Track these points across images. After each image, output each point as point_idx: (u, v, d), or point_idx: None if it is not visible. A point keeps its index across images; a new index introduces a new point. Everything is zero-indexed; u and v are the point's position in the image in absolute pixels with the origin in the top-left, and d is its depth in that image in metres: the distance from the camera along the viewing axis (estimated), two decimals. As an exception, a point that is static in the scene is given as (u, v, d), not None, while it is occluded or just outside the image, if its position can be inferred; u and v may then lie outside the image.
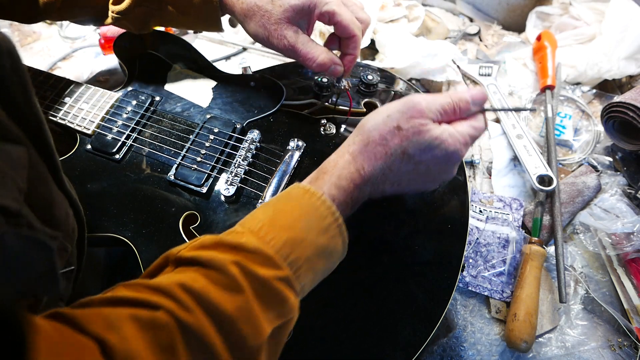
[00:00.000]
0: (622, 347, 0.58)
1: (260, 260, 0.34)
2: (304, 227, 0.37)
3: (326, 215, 0.39)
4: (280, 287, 0.34)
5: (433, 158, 0.43)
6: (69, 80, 0.63)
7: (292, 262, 0.36)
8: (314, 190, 0.40)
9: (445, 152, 0.43)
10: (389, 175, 0.43)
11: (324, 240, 0.38)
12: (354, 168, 0.43)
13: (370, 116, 0.45)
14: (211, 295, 0.31)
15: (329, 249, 0.39)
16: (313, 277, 0.38)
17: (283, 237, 0.36)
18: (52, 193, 0.35)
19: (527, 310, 0.57)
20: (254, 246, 0.35)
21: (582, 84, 0.84)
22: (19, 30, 0.92)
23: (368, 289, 0.50)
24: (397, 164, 0.43)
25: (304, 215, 0.38)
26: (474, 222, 0.67)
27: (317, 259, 0.38)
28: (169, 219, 0.53)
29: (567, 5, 0.91)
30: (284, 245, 0.36)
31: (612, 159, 0.74)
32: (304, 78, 0.67)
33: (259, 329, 0.32)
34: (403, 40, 0.82)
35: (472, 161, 0.75)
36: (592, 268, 0.65)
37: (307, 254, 0.37)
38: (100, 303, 0.30)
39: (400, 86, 0.67)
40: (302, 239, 0.37)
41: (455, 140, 0.43)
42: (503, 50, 0.91)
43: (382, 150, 0.43)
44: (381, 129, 0.43)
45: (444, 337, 0.59)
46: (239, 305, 0.32)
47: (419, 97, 0.44)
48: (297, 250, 0.36)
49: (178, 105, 0.63)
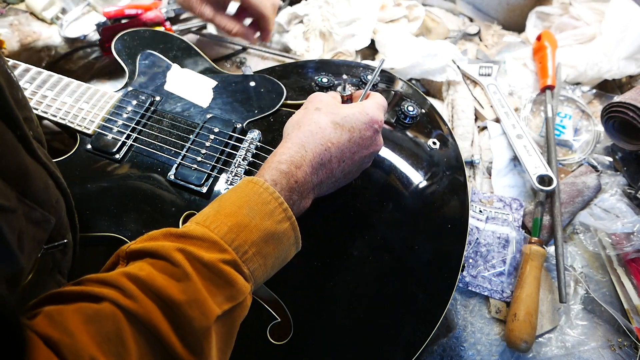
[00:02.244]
0: (622, 347, 0.58)
1: (205, 245, 0.35)
2: (247, 213, 0.38)
3: (269, 200, 0.40)
4: (226, 269, 0.35)
5: (360, 123, 0.47)
6: (69, 80, 0.63)
7: (237, 247, 0.37)
8: (256, 179, 0.41)
9: (367, 114, 0.48)
10: (332, 150, 0.45)
11: (269, 224, 0.39)
12: (294, 151, 0.44)
13: (294, 114, 0.50)
14: (156, 282, 0.31)
15: (277, 234, 0.39)
16: (263, 262, 0.39)
17: (227, 223, 0.37)
18: (24, 162, 0.35)
19: (527, 310, 0.57)
20: (198, 233, 0.36)
21: (582, 84, 0.84)
22: (19, 30, 0.92)
23: (368, 289, 0.50)
24: (335, 135, 0.45)
25: (247, 202, 0.39)
26: (474, 222, 0.67)
27: (264, 244, 0.38)
28: (169, 218, 0.53)
29: (567, 5, 0.91)
30: (229, 231, 0.37)
31: (612, 159, 0.74)
32: (304, 78, 0.67)
33: (206, 312, 0.32)
34: (403, 40, 0.82)
35: (472, 161, 0.75)
36: (592, 268, 0.65)
37: (253, 239, 0.38)
38: (46, 301, 0.30)
39: (400, 86, 0.68)
40: (246, 224, 0.38)
41: (371, 104, 0.49)
42: (503, 50, 0.91)
43: (315, 127, 0.45)
44: (304, 114, 0.48)
45: (444, 337, 0.59)
46: (184, 289, 0.32)
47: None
48: (242, 235, 0.37)
49: (178, 105, 0.63)
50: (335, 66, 0.69)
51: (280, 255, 0.41)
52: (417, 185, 0.56)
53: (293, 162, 0.43)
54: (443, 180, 0.57)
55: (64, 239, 0.40)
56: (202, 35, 0.91)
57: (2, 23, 0.92)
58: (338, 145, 0.45)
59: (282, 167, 0.42)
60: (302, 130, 0.45)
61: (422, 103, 0.64)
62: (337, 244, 0.52)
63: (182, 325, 0.31)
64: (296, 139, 0.45)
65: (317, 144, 0.44)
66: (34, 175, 0.36)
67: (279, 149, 0.45)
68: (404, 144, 0.60)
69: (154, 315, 0.30)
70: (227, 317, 0.35)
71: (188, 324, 0.31)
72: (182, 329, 0.31)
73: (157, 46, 0.70)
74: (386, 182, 0.56)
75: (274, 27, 0.80)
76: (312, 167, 0.44)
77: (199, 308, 0.32)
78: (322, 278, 0.50)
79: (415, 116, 0.61)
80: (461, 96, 0.81)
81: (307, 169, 0.43)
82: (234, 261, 0.36)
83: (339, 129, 0.46)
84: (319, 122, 0.46)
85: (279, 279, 0.50)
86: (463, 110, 0.79)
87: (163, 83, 0.66)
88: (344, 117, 0.47)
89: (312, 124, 0.46)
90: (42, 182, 0.37)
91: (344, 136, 0.46)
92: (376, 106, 0.50)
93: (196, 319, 0.31)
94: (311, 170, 0.44)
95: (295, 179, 0.43)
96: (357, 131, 0.47)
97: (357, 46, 0.85)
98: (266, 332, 0.47)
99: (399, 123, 0.62)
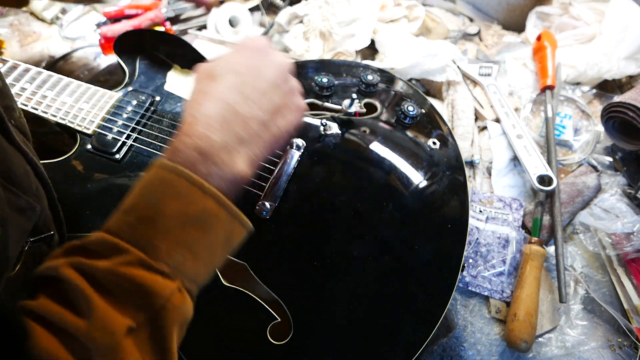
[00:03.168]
0: (622, 347, 0.58)
1: (102, 251, 0.32)
2: (149, 202, 0.33)
3: (170, 179, 0.34)
4: (130, 273, 0.31)
5: (243, 52, 0.42)
6: (69, 80, 0.63)
7: (143, 244, 0.32)
8: (154, 162, 0.36)
9: (248, 42, 0.43)
10: (220, 98, 0.39)
11: (180, 207, 0.33)
12: (187, 123, 0.38)
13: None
14: (52, 314, 0.29)
15: (196, 216, 0.34)
16: (190, 251, 0.34)
17: (127, 220, 0.33)
18: (2, 147, 0.34)
19: (527, 310, 0.57)
20: (93, 239, 0.32)
21: (582, 84, 0.84)
22: (19, 30, 0.92)
23: (368, 289, 0.50)
24: (211, 84, 0.39)
25: (148, 190, 0.34)
26: (474, 222, 0.67)
27: (182, 231, 0.33)
28: (169, 219, 0.53)
29: (567, 5, 0.91)
30: (129, 228, 0.33)
31: (612, 159, 0.74)
32: (304, 78, 0.67)
33: (107, 329, 0.29)
34: (403, 40, 0.82)
35: (472, 161, 0.75)
36: (592, 268, 0.65)
37: (163, 229, 0.33)
38: None
39: (400, 86, 0.67)
40: (150, 215, 0.33)
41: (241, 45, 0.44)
42: (503, 50, 0.91)
43: (195, 96, 0.40)
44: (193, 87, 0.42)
45: (444, 337, 0.59)
46: (80, 309, 0.29)
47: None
48: (147, 229, 0.33)
49: (178, 105, 0.63)
50: (335, 66, 0.69)
51: (217, 240, 0.35)
52: (417, 185, 0.56)
53: (182, 130, 0.37)
54: (443, 180, 0.57)
55: (49, 231, 0.39)
56: (202, 35, 0.91)
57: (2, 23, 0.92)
58: (223, 91, 0.39)
59: (176, 139, 0.37)
60: (188, 103, 0.40)
61: (422, 103, 0.64)
62: (337, 244, 0.52)
63: (84, 351, 0.28)
64: (185, 114, 0.39)
65: (198, 90, 0.40)
66: (13, 160, 0.35)
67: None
68: (404, 144, 0.60)
69: (56, 351, 0.28)
70: (148, 325, 0.31)
71: (90, 347, 0.29)
72: (85, 353, 0.28)
73: (157, 46, 0.70)
74: (386, 182, 0.56)
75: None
76: (204, 128, 0.37)
77: (98, 327, 0.29)
78: (322, 278, 0.50)
79: (415, 116, 0.61)
80: (461, 96, 0.81)
81: (198, 130, 0.36)
82: (140, 261, 0.31)
83: (213, 79, 0.40)
84: (198, 89, 0.40)
85: (279, 279, 0.50)
86: (463, 110, 0.79)
87: (163, 83, 0.66)
88: (222, 59, 0.42)
89: (193, 94, 0.41)
90: (21, 168, 0.36)
91: (226, 80, 0.40)
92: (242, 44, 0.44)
93: (97, 339, 0.29)
94: (203, 131, 0.37)
95: (193, 144, 0.36)
96: (242, 60, 0.41)
97: (357, 46, 0.85)
98: (266, 332, 0.47)
99: (399, 123, 0.62)
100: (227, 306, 0.49)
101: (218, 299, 0.49)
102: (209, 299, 0.50)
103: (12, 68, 0.63)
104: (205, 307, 0.49)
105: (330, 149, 0.58)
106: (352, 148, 0.59)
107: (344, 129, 0.60)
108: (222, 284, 0.50)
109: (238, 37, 0.91)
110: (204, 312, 0.49)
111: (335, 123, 0.61)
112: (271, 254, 0.52)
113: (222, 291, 0.49)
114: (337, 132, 0.60)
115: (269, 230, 0.53)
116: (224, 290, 0.49)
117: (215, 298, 0.49)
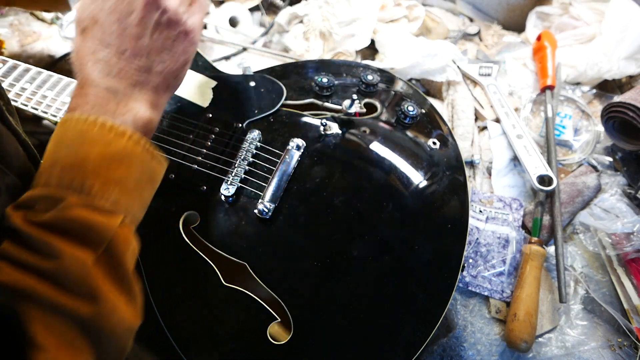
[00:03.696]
0: (622, 347, 0.58)
1: (42, 205, 0.33)
2: (68, 152, 0.35)
3: (82, 128, 0.36)
4: (76, 215, 0.33)
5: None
6: (69, 80, 0.63)
7: (78, 186, 0.34)
8: (60, 120, 0.38)
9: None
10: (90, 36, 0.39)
11: (98, 148, 0.35)
12: (76, 79, 0.40)
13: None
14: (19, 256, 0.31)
15: (115, 154, 0.36)
16: (120, 186, 0.36)
17: (53, 173, 0.35)
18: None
19: (527, 310, 0.57)
20: (29, 196, 0.34)
21: (582, 84, 0.84)
22: (19, 30, 0.92)
23: (368, 289, 0.50)
24: (87, 34, 0.40)
25: (61, 143, 0.36)
26: (474, 222, 0.67)
27: (106, 169, 0.35)
28: (169, 218, 0.53)
29: (567, 5, 0.91)
30: (58, 178, 0.34)
31: (612, 159, 0.74)
32: (304, 78, 0.67)
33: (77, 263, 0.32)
34: (403, 40, 0.82)
35: (472, 161, 0.75)
36: (592, 268, 0.65)
37: (90, 170, 0.34)
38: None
39: (400, 86, 0.68)
40: (71, 163, 0.35)
41: None
42: (503, 50, 0.91)
43: (74, 46, 0.41)
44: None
45: (444, 337, 0.59)
46: (45, 254, 0.31)
47: None
48: (76, 173, 0.34)
49: (178, 105, 0.63)
50: (335, 66, 0.69)
51: (141, 176, 0.38)
52: (417, 185, 0.56)
53: (79, 94, 0.39)
54: (443, 180, 0.57)
55: None
56: (201, 35, 0.91)
57: (2, 23, 0.92)
58: (91, 47, 0.39)
59: (79, 98, 0.39)
60: (73, 65, 0.41)
61: (422, 103, 0.64)
62: (337, 244, 0.52)
63: (63, 283, 0.31)
64: (74, 74, 0.41)
65: (81, 65, 0.40)
66: (5, 139, 0.36)
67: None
68: (404, 144, 0.60)
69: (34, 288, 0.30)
70: (106, 256, 0.34)
71: (67, 278, 0.31)
72: (65, 285, 0.31)
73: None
74: (386, 182, 0.56)
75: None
76: (93, 85, 0.39)
77: (72, 264, 0.32)
78: (322, 278, 0.50)
79: (415, 116, 0.61)
80: (461, 96, 0.81)
81: (90, 89, 0.38)
82: (81, 202, 0.33)
83: (81, 33, 0.40)
84: (75, 48, 0.41)
85: (279, 279, 0.50)
86: (463, 110, 0.79)
87: (163, 83, 0.66)
88: (82, 18, 0.40)
89: (73, 54, 0.41)
90: (12, 147, 0.37)
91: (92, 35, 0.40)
92: None
93: (71, 273, 0.31)
94: (93, 87, 0.39)
95: (94, 103, 0.38)
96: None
97: (357, 46, 0.85)
98: (266, 332, 0.47)
99: (399, 123, 0.62)
100: (227, 306, 0.49)
101: (218, 299, 0.49)
102: (209, 299, 0.50)
103: (12, 68, 0.63)
104: (206, 307, 0.49)
105: (331, 149, 0.58)
106: (352, 148, 0.59)
107: (344, 129, 0.60)
108: (222, 284, 0.50)
109: (238, 37, 0.91)
110: (204, 312, 0.49)
111: (336, 123, 0.61)
112: (271, 254, 0.52)
113: (222, 291, 0.49)
114: (337, 132, 0.60)
115: (269, 230, 0.53)
116: (224, 290, 0.49)
117: (215, 298, 0.49)
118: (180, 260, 0.51)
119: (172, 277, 0.51)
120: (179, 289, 0.50)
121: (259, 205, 0.53)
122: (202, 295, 0.50)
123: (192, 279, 0.51)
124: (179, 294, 0.50)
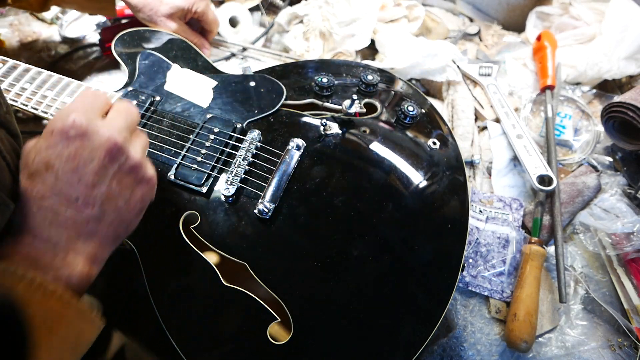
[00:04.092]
0: (622, 347, 0.58)
1: None
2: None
3: (2, 272, 0.33)
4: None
5: (57, 141, 0.37)
6: (69, 80, 0.63)
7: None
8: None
9: (62, 125, 0.37)
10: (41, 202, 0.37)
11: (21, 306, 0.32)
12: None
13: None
14: None
15: (40, 314, 0.33)
16: (40, 347, 0.32)
17: None
18: None
19: (527, 310, 0.57)
20: None
21: (582, 84, 0.84)
22: (19, 30, 0.92)
23: (368, 289, 0.50)
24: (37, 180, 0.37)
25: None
26: (474, 222, 0.67)
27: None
28: (169, 218, 0.53)
29: (567, 5, 0.91)
30: None
31: (612, 159, 0.74)
32: (304, 78, 0.67)
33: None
34: (403, 40, 0.82)
35: (472, 161, 0.75)
36: (592, 268, 0.65)
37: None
38: None
39: (400, 86, 0.68)
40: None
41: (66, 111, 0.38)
42: (503, 50, 0.91)
43: (21, 189, 0.38)
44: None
45: (444, 337, 0.60)
46: None
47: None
48: None
49: (178, 105, 0.63)
50: (335, 66, 0.69)
51: (66, 338, 0.35)
52: (417, 185, 0.56)
53: (18, 241, 0.36)
54: (443, 180, 0.57)
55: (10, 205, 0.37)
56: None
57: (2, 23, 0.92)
58: (42, 194, 0.37)
59: (16, 249, 0.37)
60: (16, 208, 0.38)
61: (422, 103, 0.64)
62: (337, 244, 0.52)
63: None
64: (14, 219, 0.37)
65: (26, 211, 0.37)
66: None
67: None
68: (404, 144, 0.60)
69: None
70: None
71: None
72: None
73: (157, 46, 0.70)
74: (386, 182, 0.56)
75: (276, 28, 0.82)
76: (34, 235, 0.37)
77: None
78: (322, 278, 0.50)
79: (415, 116, 0.61)
80: (461, 96, 0.81)
81: (29, 239, 0.36)
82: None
83: (32, 178, 0.38)
84: (22, 191, 0.38)
85: (279, 279, 0.50)
86: (463, 110, 0.79)
87: (163, 83, 0.66)
88: (35, 162, 0.38)
89: (20, 199, 0.38)
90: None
91: (43, 182, 0.37)
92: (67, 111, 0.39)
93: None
94: (34, 238, 0.37)
95: (27, 256, 0.36)
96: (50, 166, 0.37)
97: (357, 46, 0.85)
98: (266, 332, 0.47)
99: (399, 123, 0.62)
100: (227, 306, 0.49)
101: (218, 299, 0.49)
102: (209, 299, 0.50)
103: (12, 68, 0.63)
104: (206, 307, 0.49)
105: (331, 149, 0.58)
106: (352, 148, 0.59)
107: (344, 129, 0.60)
108: (222, 284, 0.50)
109: (238, 37, 0.91)
110: (204, 312, 0.49)
111: (336, 123, 0.61)
112: (271, 254, 0.52)
113: (222, 291, 0.49)
114: (337, 132, 0.60)
115: (269, 230, 0.53)
116: (224, 290, 0.49)
117: (215, 298, 0.49)
118: (180, 261, 0.52)
119: (172, 277, 0.51)
120: (179, 289, 0.50)
121: (259, 205, 0.53)
122: (202, 296, 0.50)
123: (192, 279, 0.51)
124: (179, 294, 0.50)
